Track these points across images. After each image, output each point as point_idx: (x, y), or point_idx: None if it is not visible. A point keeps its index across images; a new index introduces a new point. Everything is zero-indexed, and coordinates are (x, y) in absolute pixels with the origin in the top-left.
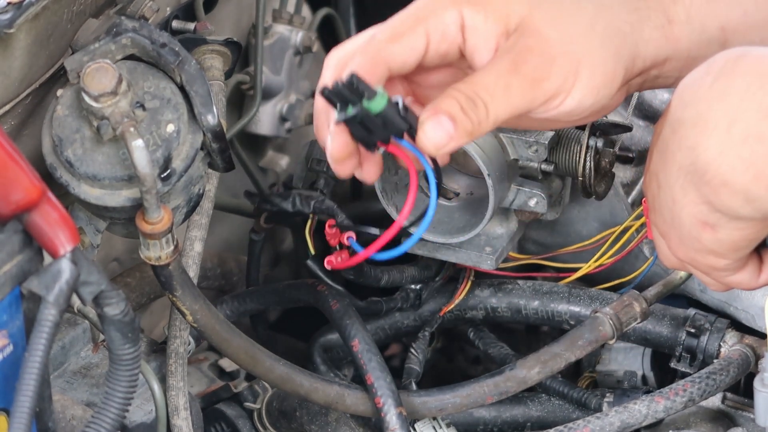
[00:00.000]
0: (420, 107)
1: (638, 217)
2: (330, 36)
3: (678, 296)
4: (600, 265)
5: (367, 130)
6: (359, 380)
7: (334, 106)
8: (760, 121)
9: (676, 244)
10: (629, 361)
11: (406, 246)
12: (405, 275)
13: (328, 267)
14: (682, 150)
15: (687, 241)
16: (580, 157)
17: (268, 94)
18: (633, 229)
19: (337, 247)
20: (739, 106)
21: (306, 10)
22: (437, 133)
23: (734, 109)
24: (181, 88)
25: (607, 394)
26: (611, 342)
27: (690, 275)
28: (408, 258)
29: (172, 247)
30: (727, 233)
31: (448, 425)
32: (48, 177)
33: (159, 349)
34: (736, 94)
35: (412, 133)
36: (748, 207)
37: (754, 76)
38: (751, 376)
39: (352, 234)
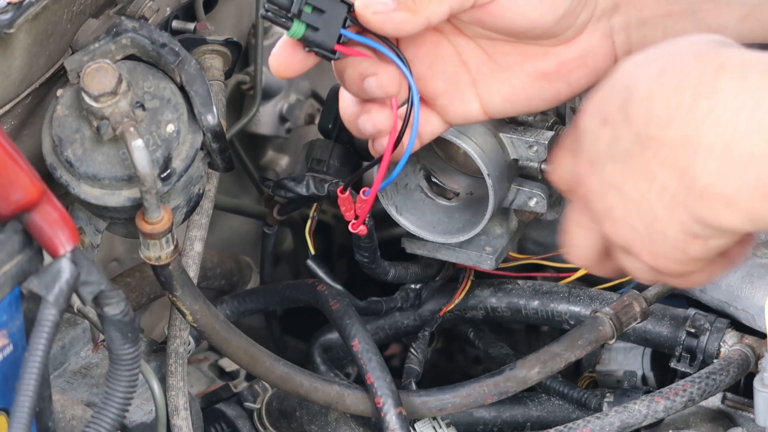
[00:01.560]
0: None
1: None
2: None
3: (678, 296)
4: None
5: (315, 29)
6: (360, 380)
7: (284, 26)
8: (764, 141)
9: (650, 256)
10: (629, 361)
11: (403, 159)
12: (409, 272)
13: (353, 230)
14: (666, 171)
15: (669, 254)
16: None
17: (268, 94)
18: None
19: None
20: (736, 126)
21: None
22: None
23: (731, 130)
24: (181, 88)
25: (607, 394)
26: (611, 342)
27: None
28: (410, 258)
29: (172, 247)
30: (717, 242)
31: (448, 425)
32: (48, 177)
33: (159, 349)
34: (730, 114)
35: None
36: (750, 224)
37: (745, 93)
38: (751, 376)
39: (365, 188)
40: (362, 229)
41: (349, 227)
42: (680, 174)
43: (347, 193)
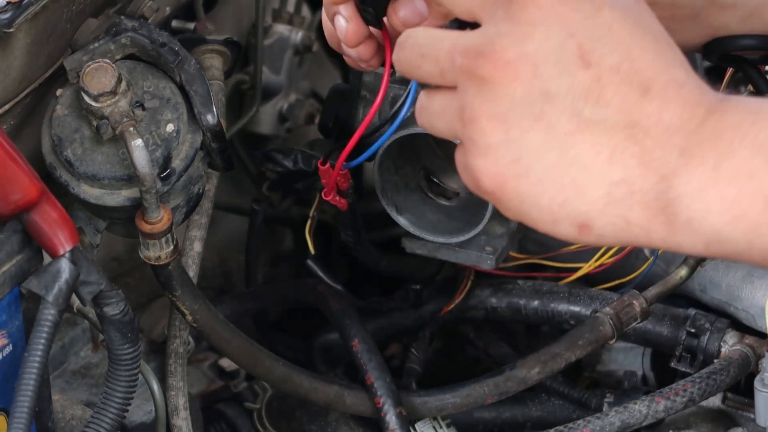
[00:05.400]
0: None
1: None
2: None
3: (678, 296)
4: (600, 265)
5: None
6: (353, 376)
7: None
8: (753, 157)
9: (521, 190)
10: (629, 361)
11: (383, 138)
12: (404, 264)
13: (325, 197)
14: (642, 170)
15: (554, 222)
16: None
17: (267, 94)
18: None
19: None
20: (731, 141)
21: (306, 10)
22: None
23: (726, 145)
24: (181, 88)
25: (608, 394)
26: (611, 342)
27: (690, 275)
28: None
29: (171, 247)
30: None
31: (448, 425)
32: (47, 177)
33: (158, 349)
34: (728, 129)
35: None
36: (703, 248)
37: (745, 113)
38: (751, 376)
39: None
40: (339, 201)
41: (322, 194)
42: (659, 179)
43: (327, 167)
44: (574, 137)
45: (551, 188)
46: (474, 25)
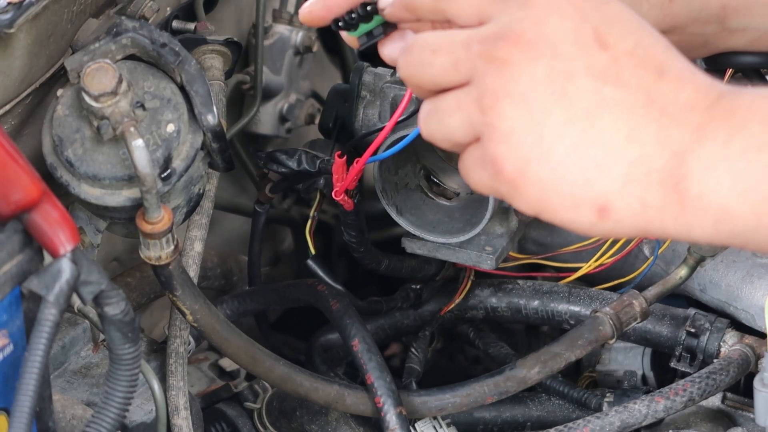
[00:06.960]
0: None
1: None
2: (330, 36)
3: (678, 296)
4: (600, 265)
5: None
6: (353, 376)
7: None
8: (763, 131)
9: (539, 195)
10: (629, 360)
11: (410, 136)
12: (405, 265)
13: (335, 197)
14: (656, 148)
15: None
16: None
17: (268, 94)
18: None
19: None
20: (744, 117)
21: None
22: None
23: (738, 121)
24: (182, 88)
25: (607, 394)
26: (611, 342)
27: (690, 274)
28: (408, 256)
29: (172, 247)
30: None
31: (448, 425)
32: (48, 177)
33: (159, 348)
34: (740, 107)
35: None
36: (712, 230)
37: (757, 94)
38: (751, 376)
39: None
40: (346, 201)
41: (332, 194)
42: (673, 155)
43: (344, 159)
44: (595, 115)
45: (573, 168)
46: None
